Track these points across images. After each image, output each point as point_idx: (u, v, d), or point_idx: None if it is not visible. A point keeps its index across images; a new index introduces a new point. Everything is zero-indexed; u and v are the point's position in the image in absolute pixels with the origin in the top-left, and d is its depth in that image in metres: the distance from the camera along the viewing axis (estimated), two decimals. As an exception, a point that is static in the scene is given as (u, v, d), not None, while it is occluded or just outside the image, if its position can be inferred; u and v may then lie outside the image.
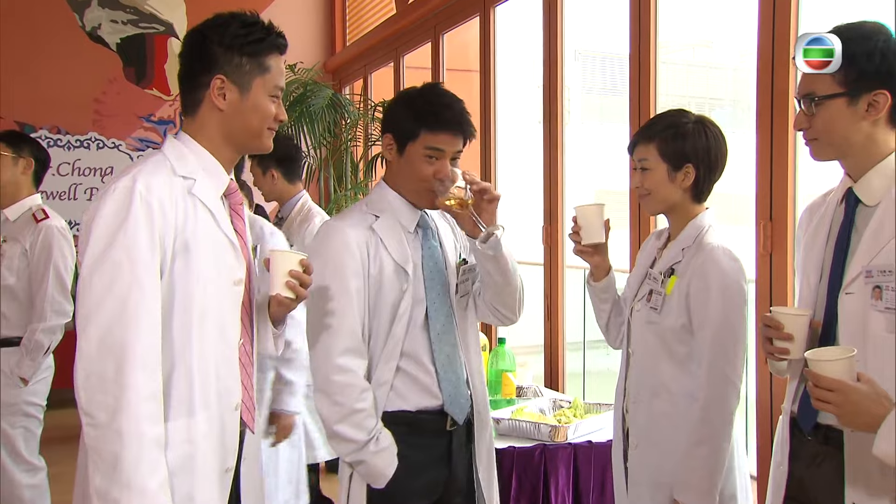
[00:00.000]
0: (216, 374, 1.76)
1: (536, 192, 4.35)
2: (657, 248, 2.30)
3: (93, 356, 1.59)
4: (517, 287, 2.18)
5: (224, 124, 1.80)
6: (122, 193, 1.65)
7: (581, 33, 10.31)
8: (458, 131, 2.11)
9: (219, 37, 1.76)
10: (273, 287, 1.88)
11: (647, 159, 2.16)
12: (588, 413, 3.16)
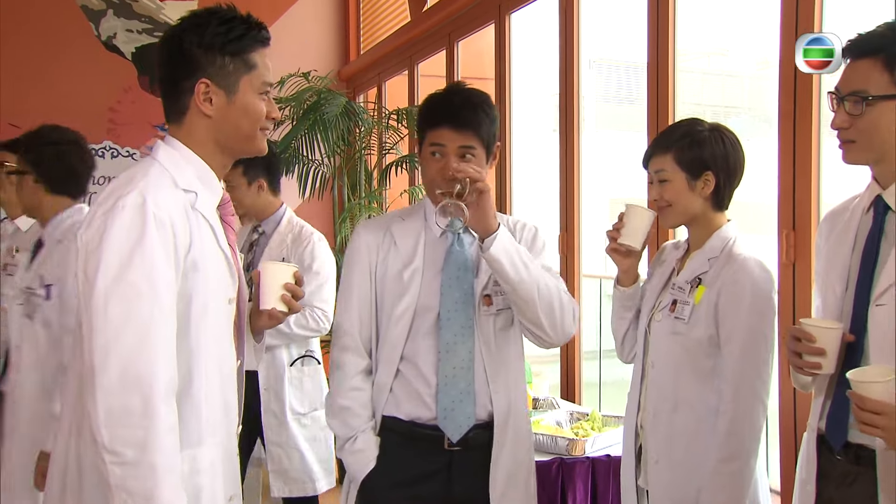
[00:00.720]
0: (223, 400, 1.70)
1: (551, 201, 4.30)
2: (676, 258, 2.24)
3: (115, 390, 1.48)
4: (532, 299, 2.01)
5: (214, 130, 1.68)
6: (132, 211, 1.53)
7: (596, 42, 10.27)
8: (456, 124, 2.03)
9: (198, 38, 1.63)
10: (266, 301, 1.81)
11: (665, 170, 2.11)
12: (606, 426, 3.10)
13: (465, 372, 2.07)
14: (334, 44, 7.04)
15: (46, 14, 6.50)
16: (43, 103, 6.44)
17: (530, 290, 2.01)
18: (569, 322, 2.09)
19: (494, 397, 2.09)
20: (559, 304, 2.06)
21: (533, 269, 2.02)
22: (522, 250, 2.04)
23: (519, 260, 2.00)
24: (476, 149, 2.06)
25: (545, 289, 2.03)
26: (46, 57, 6.49)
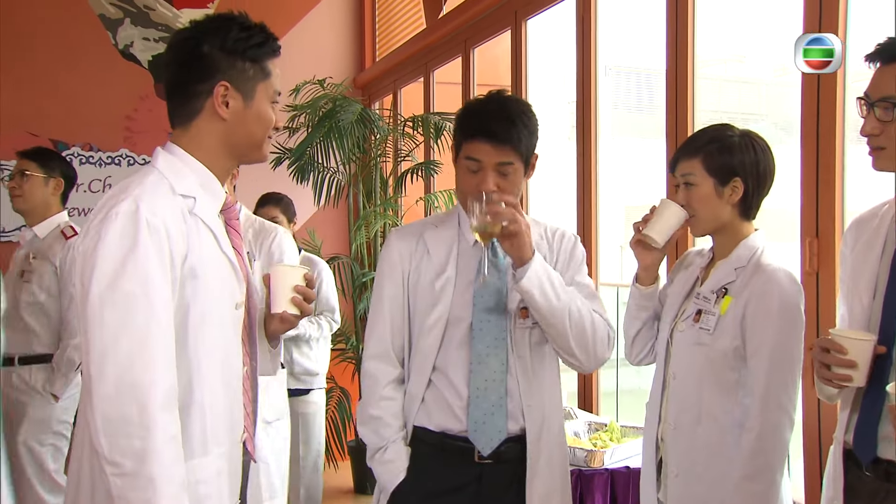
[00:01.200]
0: (227, 408, 1.66)
1: (567, 209, 4.27)
2: (700, 266, 2.20)
3: (112, 398, 1.46)
4: (563, 328, 2.00)
5: (226, 134, 1.66)
6: (125, 218, 1.51)
7: (612, 49, 10.24)
8: (493, 139, 1.98)
9: (220, 41, 1.62)
10: (277, 304, 1.79)
11: (693, 174, 2.07)
12: (625, 437, 3.06)
13: (496, 385, 2.03)
14: (350, 51, 7.04)
15: (64, 24, 6.54)
16: (60, 112, 6.50)
17: (561, 319, 1.99)
18: (602, 348, 2.08)
19: (527, 412, 2.04)
20: (592, 331, 2.04)
21: (564, 298, 1.99)
22: (555, 277, 2.00)
23: (551, 289, 1.97)
24: (514, 164, 2.02)
25: (577, 316, 2.01)
26: (64, 66, 6.52)
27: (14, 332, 3.25)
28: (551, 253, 2.13)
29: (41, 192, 3.31)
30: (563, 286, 2.01)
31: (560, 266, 2.12)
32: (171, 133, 1.73)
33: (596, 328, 2.05)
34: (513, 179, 2.03)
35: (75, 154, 6.55)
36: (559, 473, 2.11)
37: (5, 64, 6.37)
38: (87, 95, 6.54)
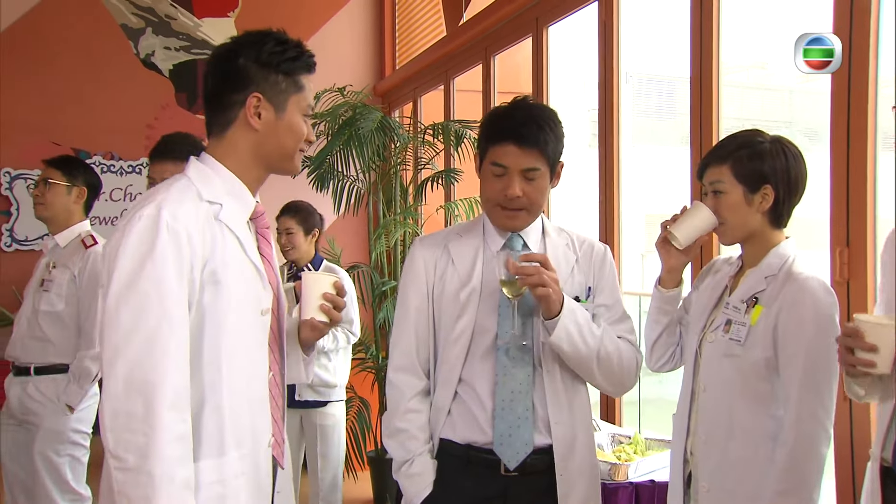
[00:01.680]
0: (249, 411, 1.68)
1: (587, 217, 4.22)
2: (729, 275, 2.15)
3: (120, 395, 1.50)
4: (589, 370, 2.01)
5: (257, 145, 1.72)
6: (147, 222, 1.56)
7: (631, 56, 10.17)
8: (520, 142, 1.95)
9: (255, 54, 1.69)
10: (306, 311, 1.82)
11: (722, 181, 2.02)
12: (649, 449, 3.00)
13: (522, 396, 1.99)
14: (370, 59, 7.04)
15: (87, 34, 6.59)
16: (83, 121, 6.54)
17: (588, 364, 2.00)
18: (629, 379, 2.09)
19: (555, 428, 2.00)
20: (619, 366, 2.04)
21: (592, 343, 1.98)
22: (584, 322, 1.97)
23: (579, 337, 1.96)
24: (540, 170, 2.00)
25: (605, 358, 2.01)
26: (86, 76, 6.57)
27: (31, 340, 3.24)
28: (580, 266, 2.09)
29: (63, 201, 3.30)
30: (591, 331, 1.99)
31: (593, 283, 2.10)
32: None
33: (623, 362, 2.05)
34: (538, 186, 2.00)
35: (97, 163, 6.58)
36: (591, 493, 2.08)
37: (30, 74, 6.42)
38: (109, 104, 6.58)
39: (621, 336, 2.07)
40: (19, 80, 6.42)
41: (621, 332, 2.08)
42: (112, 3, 6.68)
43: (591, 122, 11.03)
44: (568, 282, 2.04)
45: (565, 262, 2.07)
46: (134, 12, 6.75)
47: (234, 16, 6.78)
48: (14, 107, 6.38)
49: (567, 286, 2.03)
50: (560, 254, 2.07)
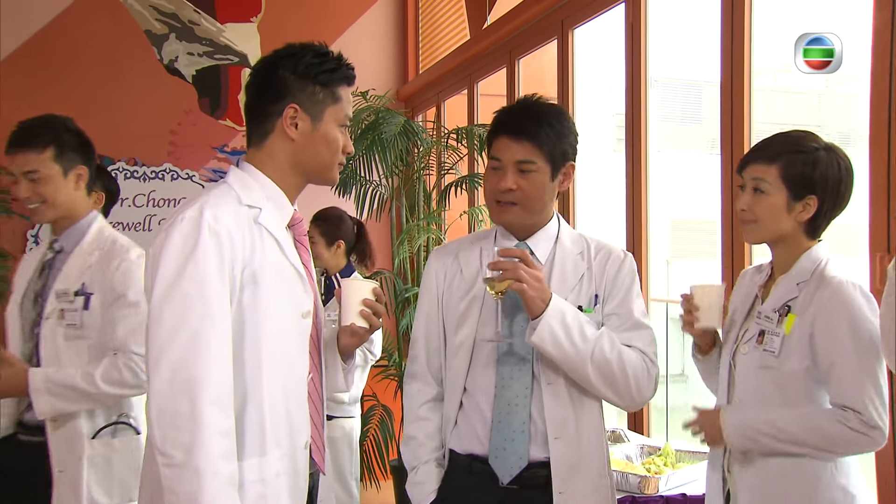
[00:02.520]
0: (286, 411, 1.70)
1: (612, 222, 4.16)
2: (758, 284, 2.06)
3: (165, 393, 1.54)
4: (583, 375, 1.91)
5: (294, 154, 1.75)
6: (189, 224, 1.61)
7: (656, 60, 10.07)
8: (512, 133, 1.95)
9: (293, 65, 1.75)
10: (346, 317, 1.85)
11: (766, 181, 1.92)
12: (681, 462, 2.92)
13: (520, 409, 1.94)
14: (393, 63, 7.00)
15: (111, 40, 6.62)
16: (106, 127, 6.53)
17: (580, 367, 1.91)
18: (638, 390, 1.97)
19: (554, 443, 1.93)
20: (622, 374, 1.93)
21: (583, 346, 1.89)
22: (574, 323, 1.90)
23: (566, 339, 1.88)
24: (536, 163, 1.96)
25: (601, 362, 1.91)
26: (110, 82, 6.59)
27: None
28: (590, 276, 2.02)
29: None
30: (581, 333, 1.90)
31: (602, 292, 2.02)
32: (221, 149, 1.79)
33: (628, 370, 1.94)
34: (534, 181, 1.96)
35: (120, 169, 6.60)
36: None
37: (55, 81, 6.45)
38: (133, 110, 6.59)
39: (631, 345, 1.98)
40: (43, 88, 6.44)
41: (630, 340, 1.99)
42: (136, 10, 6.70)
43: (617, 126, 10.95)
44: (575, 291, 2.00)
45: (574, 272, 2.02)
46: (158, 18, 6.76)
47: (258, 21, 6.77)
48: (38, 113, 6.39)
49: (573, 296, 1.98)
50: (570, 264, 2.02)
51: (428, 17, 6.76)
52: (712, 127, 10.40)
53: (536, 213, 2.02)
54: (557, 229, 2.07)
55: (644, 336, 2.01)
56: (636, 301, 2.04)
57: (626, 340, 1.98)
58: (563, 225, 2.10)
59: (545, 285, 1.90)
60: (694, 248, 13.39)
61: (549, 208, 2.06)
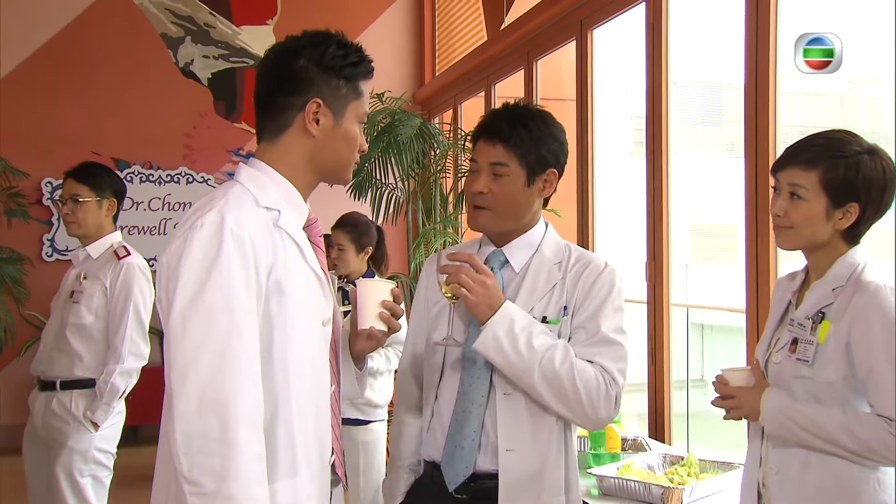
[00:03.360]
0: (315, 428, 1.60)
1: (626, 228, 4.09)
2: (791, 290, 1.98)
3: (193, 415, 1.40)
4: (532, 388, 1.81)
5: (313, 152, 1.64)
6: (210, 229, 1.47)
7: (674, 61, 9.98)
8: (486, 134, 1.89)
9: (317, 56, 1.61)
10: (364, 320, 1.75)
11: (804, 187, 1.82)
12: (704, 472, 2.83)
13: (473, 417, 1.87)
14: (409, 66, 6.96)
15: (127, 44, 6.63)
16: (121, 131, 6.55)
17: (525, 378, 1.81)
18: (591, 406, 1.82)
19: (505, 455, 1.84)
20: (573, 388, 1.80)
21: (528, 355, 1.79)
22: (521, 334, 1.80)
23: (510, 348, 1.79)
24: (508, 166, 1.87)
25: (550, 374, 1.80)
26: (126, 86, 6.59)
27: (58, 354, 3.14)
28: (563, 287, 1.91)
29: (95, 216, 3.20)
30: (529, 343, 1.80)
31: (573, 304, 1.90)
32: (237, 152, 1.69)
33: (578, 385, 1.80)
34: (505, 185, 1.88)
35: (135, 172, 6.59)
36: None
37: (71, 85, 6.45)
38: (148, 114, 6.58)
39: (593, 360, 1.84)
40: (60, 91, 6.45)
41: (594, 356, 1.84)
42: (152, 13, 6.69)
43: (635, 130, 10.85)
44: (543, 301, 1.90)
45: (546, 282, 1.92)
46: (174, 21, 6.74)
47: (273, 23, 6.75)
48: (55, 117, 6.42)
49: (540, 306, 1.89)
50: (544, 273, 1.93)
51: (444, 19, 6.71)
52: (731, 130, 10.29)
53: (510, 219, 1.94)
54: (542, 238, 1.98)
55: (610, 352, 1.85)
56: (610, 315, 1.89)
57: (589, 355, 1.84)
58: (549, 234, 2.00)
59: (493, 291, 1.81)
60: (713, 252, 13.25)
61: (529, 215, 1.96)
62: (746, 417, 1.95)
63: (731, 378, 1.97)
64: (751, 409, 1.90)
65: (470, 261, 1.82)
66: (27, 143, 6.24)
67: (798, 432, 1.78)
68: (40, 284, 5.91)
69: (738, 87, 3.28)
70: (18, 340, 5.92)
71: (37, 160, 6.19)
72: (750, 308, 3.22)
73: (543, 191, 1.93)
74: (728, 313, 8.16)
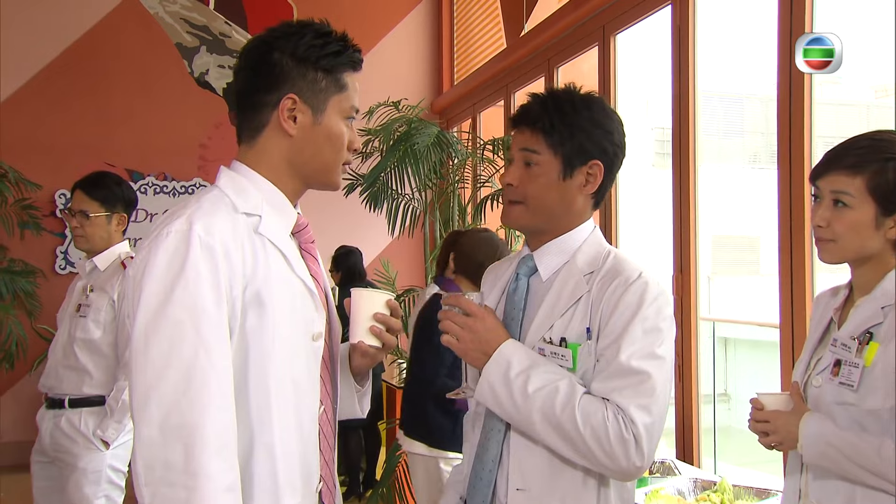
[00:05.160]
0: (300, 452, 1.45)
1: (655, 240, 3.96)
2: (833, 307, 1.82)
3: (155, 442, 1.28)
4: (543, 439, 1.57)
5: (292, 153, 1.49)
6: (175, 238, 1.34)
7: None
8: (516, 121, 1.68)
9: (291, 47, 1.46)
10: (355, 333, 1.57)
11: (849, 194, 1.67)
12: (738, 499, 2.67)
13: (493, 445, 1.66)
14: (427, 74, 6.87)
15: (142, 54, 6.59)
16: (136, 142, 6.49)
17: (525, 428, 1.59)
18: (607, 456, 1.52)
19: (514, 495, 1.62)
20: (578, 436, 1.52)
21: (522, 405, 1.55)
22: (517, 379, 1.56)
23: (506, 396, 1.56)
24: (539, 153, 1.64)
25: (554, 422, 1.53)
26: (141, 96, 6.55)
27: (66, 370, 3.02)
28: (587, 302, 1.63)
29: (104, 231, 3.09)
30: (523, 389, 1.55)
31: (597, 323, 1.60)
32: None
33: (584, 433, 1.52)
34: (536, 175, 1.64)
35: (150, 184, 6.52)
36: None
37: (85, 95, 6.42)
38: (163, 124, 6.53)
39: (609, 398, 1.54)
40: (75, 102, 6.41)
41: (611, 393, 1.54)
42: (167, 23, 6.63)
43: (657, 141, 10.70)
44: (563, 319, 1.63)
45: (570, 296, 1.64)
46: (189, 31, 6.68)
47: (289, 32, 6.68)
48: (70, 129, 6.38)
49: (560, 325, 1.62)
50: (570, 286, 1.65)
51: (463, 27, 6.61)
52: (754, 140, 10.08)
53: (543, 217, 1.68)
54: (581, 244, 1.70)
55: (629, 386, 1.53)
56: (638, 339, 1.56)
57: (604, 391, 1.55)
58: (590, 240, 1.71)
59: (485, 335, 1.60)
60: (736, 264, 13.05)
61: (569, 214, 1.69)
62: (782, 445, 1.79)
63: (766, 402, 1.84)
64: (788, 434, 1.74)
65: (456, 303, 1.62)
66: (41, 155, 6.20)
67: (841, 462, 1.62)
68: (53, 297, 5.82)
69: (761, 98, 3.21)
70: (31, 354, 5.85)
71: (50, 171, 6.14)
72: (784, 323, 3.08)
73: (586, 186, 1.67)
74: (753, 327, 8.03)
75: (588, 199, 1.70)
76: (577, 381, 1.57)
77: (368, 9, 6.77)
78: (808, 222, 2.97)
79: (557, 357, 1.60)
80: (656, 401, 1.54)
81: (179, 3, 6.77)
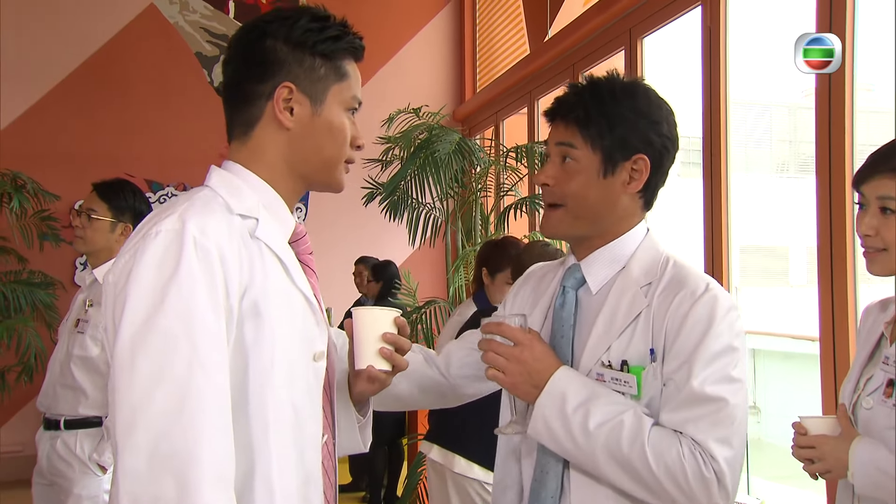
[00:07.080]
0: (300, 484, 1.29)
1: (684, 249, 3.83)
2: (883, 321, 1.69)
3: (142, 473, 1.10)
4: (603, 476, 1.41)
5: (289, 148, 1.34)
6: (166, 238, 1.17)
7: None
8: (551, 114, 1.51)
9: (285, 32, 1.32)
10: (362, 358, 1.41)
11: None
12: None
13: (555, 479, 1.48)
14: (449, 82, 6.79)
15: (162, 64, 6.61)
16: (156, 152, 6.46)
17: (588, 467, 1.41)
18: (684, 495, 1.35)
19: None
20: (649, 474, 1.36)
21: (584, 443, 1.38)
22: (575, 414, 1.39)
23: (564, 433, 1.40)
24: (575, 147, 1.47)
25: (621, 460, 1.38)
26: (160, 106, 6.54)
27: (62, 389, 2.88)
28: (648, 318, 1.44)
29: (105, 238, 2.97)
30: (584, 425, 1.39)
31: (662, 343, 1.42)
32: None
33: (657, 471, 1.35)
34: (573, 172, 1.47)
35: (169, 195, 6.48)
36: None
37: (105, 105, 6.41)
38: (182, 134, 6.51)
39: (684, 431, 1.37)
40: (95, 112, 6.41)
41: (684, 425, 1.37)
42: (188, 32, 6.62)
43: (683, 150, 10.57)
44: (622, 339, 1.45)
45: (627, 312, 1.46)
46: (209, 40, 6.67)
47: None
48: (89, 139, 6.37)
49: (618, 346, 1.45)
50: (626, 300, 1.47)
51: (486, 32, 6.53)
52: (782, 149, 9.87)
53: (586, 221, 1.51)
54: (634, 250, 1.52)
55: (705, 416, 1.37)
56: (709, 361, 1.38)
57: (677, 423, 1.38)
58: (644, 245, 1.53)
59: (533, 365, 1.43)
60: (764, 275, 12.83)
61: (614, 217, 1.51)
62: (830, 473, 1.65)
63: (810, 426, 1.71)
64: (836, 462, 1.61)
65: (499, 331, 1.44)
66: (60, 165, 6.19)
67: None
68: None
69: (788, 106, 3.11)
70: (49, 367, 5.79)
71: (69, 182, 6.10)
72: (824, 337, 2.96)
73: (630, 184, 1.49)
74: (781, 338, 7.90)
75: (635, 198, 1.52)
76: (642, 412, 1.40)
77: (390, 15, 6.70)
78: (850, 231, 2.85)
79: (620, 383, 1.42)
80: (736, 431, 1.37)
81: (199, 13, 6.77)
